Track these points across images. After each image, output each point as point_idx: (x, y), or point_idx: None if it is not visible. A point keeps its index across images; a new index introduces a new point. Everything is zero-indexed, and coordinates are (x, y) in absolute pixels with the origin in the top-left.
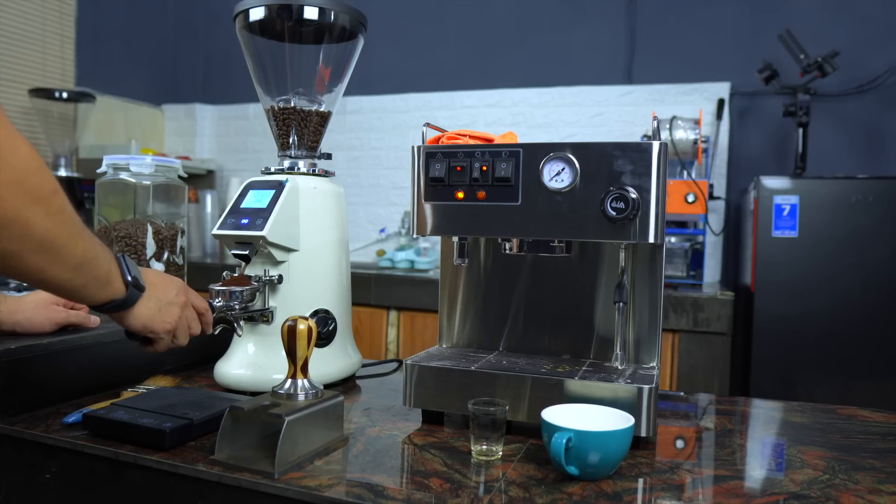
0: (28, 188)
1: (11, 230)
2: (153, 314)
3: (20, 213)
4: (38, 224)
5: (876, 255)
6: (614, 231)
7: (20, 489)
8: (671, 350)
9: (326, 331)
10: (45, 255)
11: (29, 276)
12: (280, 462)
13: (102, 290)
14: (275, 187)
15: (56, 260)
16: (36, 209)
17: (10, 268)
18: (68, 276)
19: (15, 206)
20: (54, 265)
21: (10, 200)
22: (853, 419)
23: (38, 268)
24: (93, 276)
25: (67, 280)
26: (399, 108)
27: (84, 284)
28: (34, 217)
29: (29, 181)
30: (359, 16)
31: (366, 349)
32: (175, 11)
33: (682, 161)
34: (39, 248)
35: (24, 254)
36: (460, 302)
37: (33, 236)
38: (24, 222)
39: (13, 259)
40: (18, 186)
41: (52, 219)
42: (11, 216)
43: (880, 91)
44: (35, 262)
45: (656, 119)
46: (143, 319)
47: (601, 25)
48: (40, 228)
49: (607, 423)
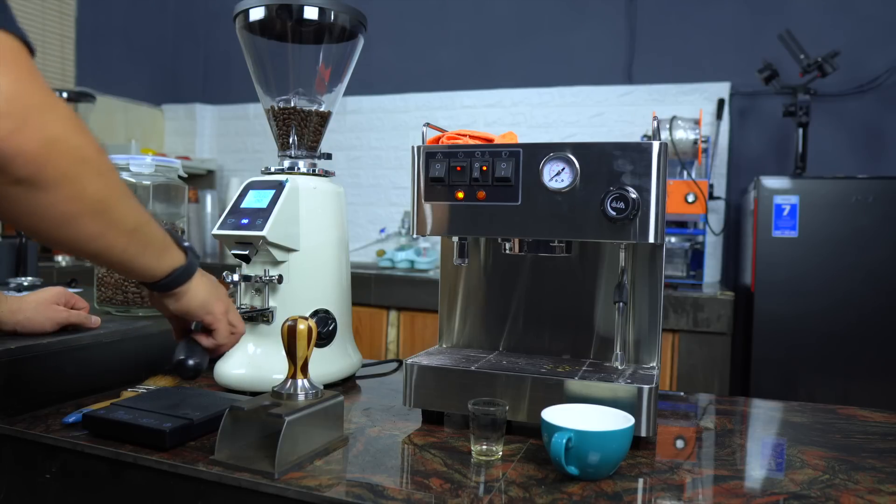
0: (74, 146)
1: (66, 189)
2: (209, 290)
3: (70, 170)
4: (90, 183)
5: (876, 255)
6: (614, 231)
7: (20, 489)
8: (671, 350)
9: (326, 331)
10: (102, 217)
11: (88, 245)
12: (280, 462)
13: (162, 257)
14: (275, 187)
15: (112, 223)
16: (85, 168)
17: (71, 235)
18: (127, 240)
19: (65, 164)
20: (111, 229)
21: (60, 158)
22: (853, 419)
23: (96, 232)
24: (150, 240)
25: (125, 246)
26: (399, 108)
27: (142, 251)
28: (85, 176)
29: (74, 140)
30: (359, 16)
31: (366, 349)
32: (175, 11)
33: (682, 161)
34: (95, 209)
35: (81, 217)
36: (460, 302)
37: (87, 196)
38: (77, 181)
39: (72, 224)
40: (65, 143)
41: (102, 178)
42: (62, 173)
43: (880, 91)
44: (92, 227)
45: (656, 119)
46: (202, 296)
47: (601, 25)
48: (93, 188)
49: (607, 423)
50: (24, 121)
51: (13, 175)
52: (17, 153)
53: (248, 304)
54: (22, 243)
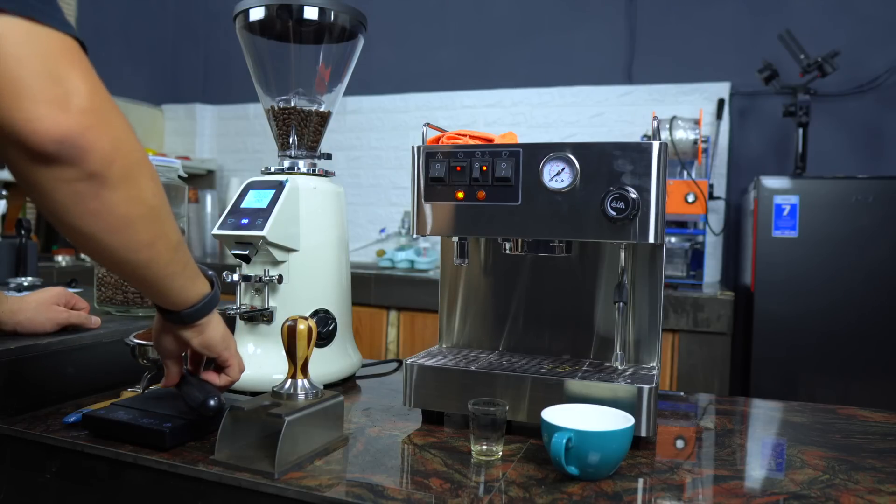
0: (134, 148)
1: (128, 189)
2: (224, 325)
3: (134, 169)
4: (147, 186)
5: (876, 255)
6: (614, 231)
7: (20, 489)
8: (671, 350)
9: (326, 331)
10: (155, 225)
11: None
12: (280, 462)
13: (195, 281)
14: (275, 187)
15: (163, 234)
16: (143, 170)
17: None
18: (170, 254)
19: (129, 162)
20: (161, 240)
21: (125, 157)
22: (853, 419)
23: (148, 240)
24: (187, 262)
25: (169, 260)
26: (399, 108)
27: (181, 270)
28: (144, 178)
29: (132, 142)
30: (359, 16)
31: (366, 349)
32: (175, 12)
33: (682, 161)
34: (151, 215)
35: (138, 221)
36: (460, 302)
37: (145, 199)
38: (138, 182)
39: (129, 228)
40: (128, 143)
41: (156, 184)
42: (128, 172)
43: (880, 91)
44: (145, 234)
45: (656, 119)
46: (222, 330)
47: (601, 25)
48: (150, 192)
49: (607, 423)
50: (99, 118)
51: (87, 169)
52: (93, 147)
53: (248, 304)
54: (22, 243)
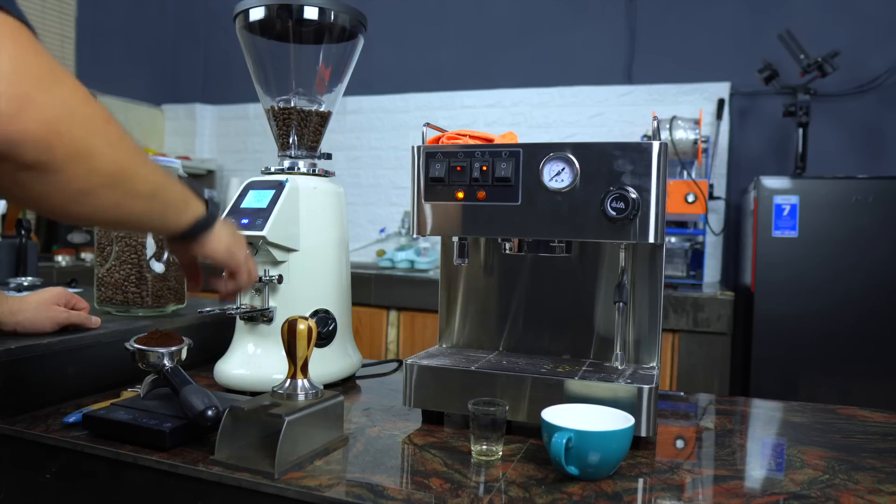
0: (82, 119)
1: (77, 167)
2: (231, 235)
3: (80, 146)
4: (103, 155)
5: (876, 255)
6: (614, 231)
7: (20, 489)
8: (671, 350)
9: (326, 331)
10: (117, 188)
11: (108, 215)
12: (280, 462)
13: (184, 212)
14: (275, 187)
15: (129, 192)
16: (96, 140)
17: (87, 210)
18: (146, 205)
19: (73, 140)
20: (128, 198)
21: (68, 135)
22: (853, 419)
23: (112, 203)
24: (170, 201)
25: (146, 210)
26: (399, 108)
27: (161, 213)
28: (96, 149)
29: (81, 112)
30: (359, 16)
31: (366, 349)
32: (175, 12)
33: (682, 161)
34: (109, 182)
35: (96, 191)
36: (460, 302)
37: (100, 170)
38: (88, 156)
39: (88, 198)
40: (72, 119)
41: (114, 149)
42: (72, 151)
43: (880, 91)
44: (108, 199)
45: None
46: (226, 241)
47: (601, 25)
48: (107, 159)
49: (607, 423)
50: (26, 100)
51: (21, 161)
52: (23, 138)
53: (248, 304)
54: (22, 243)
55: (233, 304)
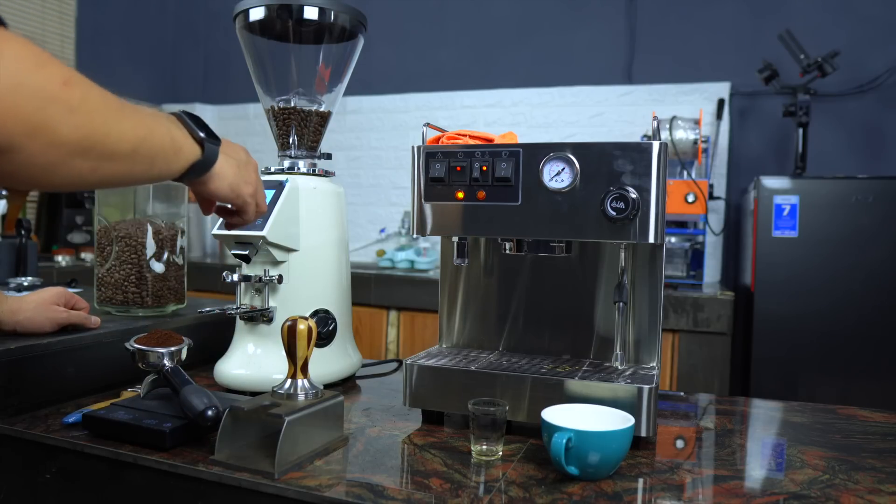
0: (32, 91)
1: (38, 139)
2: (236, 173)
3: (35, 119)
4: (63, 124)
5: (876, 255)
6: (614, 231)
7: (20, 489)
8: (671, 350)
9: (326, 331)
10: (89, 154)
11: (87, 180)
12: (280, 462)
13: (174, 160)
14: (275, 187)
15: (104, 155)
16: (53, 108)
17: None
18: (126, 165)
19: (26, 115)
20: (105, 161)
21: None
22: (853, 419)
23: (89, 169)
24: (156, 153)
25: (128, 168)
26: (399, 108)
27: (149, 166)
28: (55, 117)
29: (31, 80)
30: (359, 16)
31: (366, 349)
32: (175, 12)
33: (682, 161)
34: (79, 149)
35: (67, 160)
36: (460, 302)
37: (66, 140)
38: (46, 126)
39: (60, 169)
40: (21, 92)
41: (77, 113)
42: (27, 127)
43: (880, 91)
44: (83, 166)
45: (656, 119)
46: (229, 179)
47: (601, 25)
48: (69, 127)
49: (607, 423)
50: None
51: None
52: None
53: (248, 304)
54: (22, 243)
55: (233, 305)
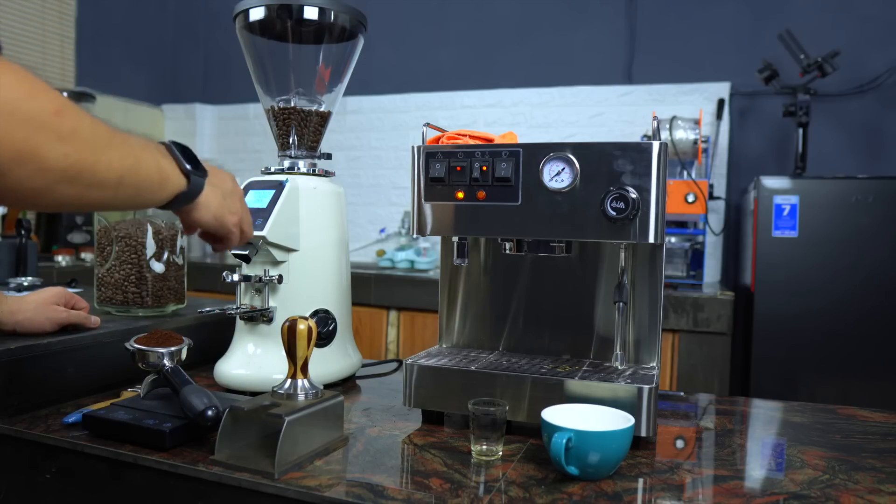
0: (23, 117)
1: (25, 166)
2: (221, 203)
3: (24, 146)
4: (51, 152)
5: (876, 255)
6: (614, 231)
7: (20, 489)
8: (671, 350)
9: (326, 331)
10: (76, 182)
11: (72, 206)
12: (280, 462)
13: (160, 189)
14: (275, 187)
15: (91, 184)
16: (42, 137)
17: (48, 203)
18: (112, 193)
19: (16, 141)
20: (91, 189)
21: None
22: (853, 419)
23: (75, 195)
24: (142, 182)
25: (113, 196)
26: (399, 108)
27: (135, 194)
28: (44, 146)
29: (23, 109)
30: (359, 16)
31: (366, 349)
32: (175, 11)
33: (682, 161)
34: (65, 177)
35: (53, 187)
36: (460, 302)
37: (53, 167)
38: (35, 154)
39: (46, 194)
40: (12, 118)
41: (66, 142)
42: (15, 153)
43: (880, 91)
44: (68, 192)
45: (656, 119)
46: (213, 210)
47: (601, 25)
48: (57, 156)
49: (607, 423)
50: None
51: None
52: None
53: (248, 304)
54: (22, 243)
55: (233, 305)
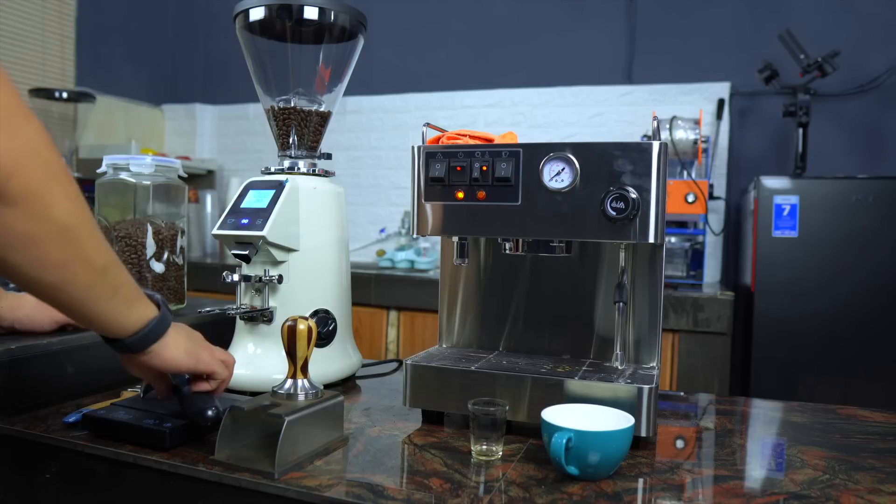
0: (44, 161)
1: (32, 206)
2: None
3: (40, 187)
4: (60, 204)
5: (876, 255)
6: (614, 231)
7: (20, 489)
8: (671, 350)
9: (326, 331)
10: (68, 247)
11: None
12: (280, 462)
13: (133, 306)
14: (275, 187)
15: (79, 256)
16: (54, 186)
17: (26, 260)
18: (94, 277)
19: (33, 179)
20: (78, 262)
21: (28, 172)
22: (853, 419)
23: (59, 261)
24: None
25: (93, 283)
26: (399, 108)
27: (110, 294)
28: (53, 195)
29: (45, 154)
30: (359, 16)
31: (366, 349)
32: (175, 11)
33: (682, 161)
34: (61, 236)
35: (44, 241)
36: (460, 302)
37: (54, 218)
38: (44, 199)
39: (33, 247)
40: (36, 157)
41: (72, 203)
42: (30, 189)
43: (880, 91)
44: (56, 254)
45: (656, 119)
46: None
47: (601, 25)
48: (62, 210)
49: (607, 423)
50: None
51: None
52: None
53: (248, 304)
54: None
55: (233, 305)
